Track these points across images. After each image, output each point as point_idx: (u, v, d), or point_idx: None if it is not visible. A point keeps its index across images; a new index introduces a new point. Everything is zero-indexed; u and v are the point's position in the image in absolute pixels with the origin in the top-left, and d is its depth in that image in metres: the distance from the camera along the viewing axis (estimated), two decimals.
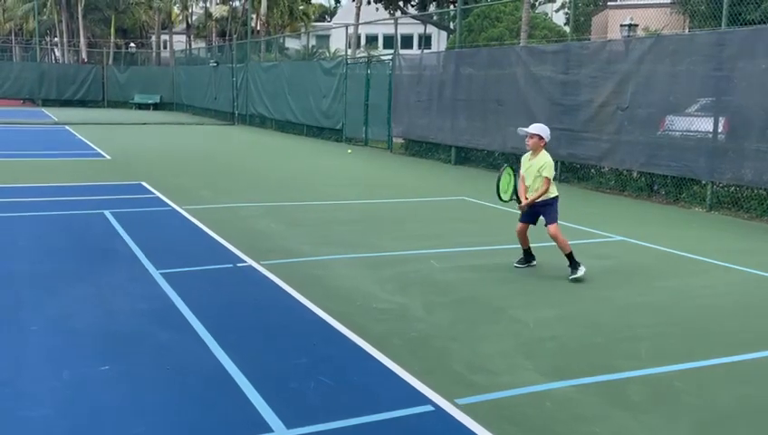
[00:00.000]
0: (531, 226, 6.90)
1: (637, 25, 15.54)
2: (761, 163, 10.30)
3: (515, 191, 6.87)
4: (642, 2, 22.64)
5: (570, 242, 6.73)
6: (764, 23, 11.41)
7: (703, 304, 6.06)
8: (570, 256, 6.61)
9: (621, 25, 15.32)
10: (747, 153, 10.50)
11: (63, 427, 3.59)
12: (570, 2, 18.61)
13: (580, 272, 6.53)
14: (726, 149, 10.85)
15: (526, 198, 6.75)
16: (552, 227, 6.65)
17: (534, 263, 7.00)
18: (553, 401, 4.02)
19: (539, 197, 6.70)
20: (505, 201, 6.90)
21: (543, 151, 6.75)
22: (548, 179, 6.64)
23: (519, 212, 6.89)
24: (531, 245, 6.98)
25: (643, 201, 12.04)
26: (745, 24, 11.13)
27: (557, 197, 6.81)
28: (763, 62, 10.26)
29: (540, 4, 38.74)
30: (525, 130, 6.79)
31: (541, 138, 6.71)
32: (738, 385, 4.36)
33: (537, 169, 6.69)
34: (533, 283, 6.56)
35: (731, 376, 4.52)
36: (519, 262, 6.98)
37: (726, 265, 7.49)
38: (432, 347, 4.82)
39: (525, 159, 6.87)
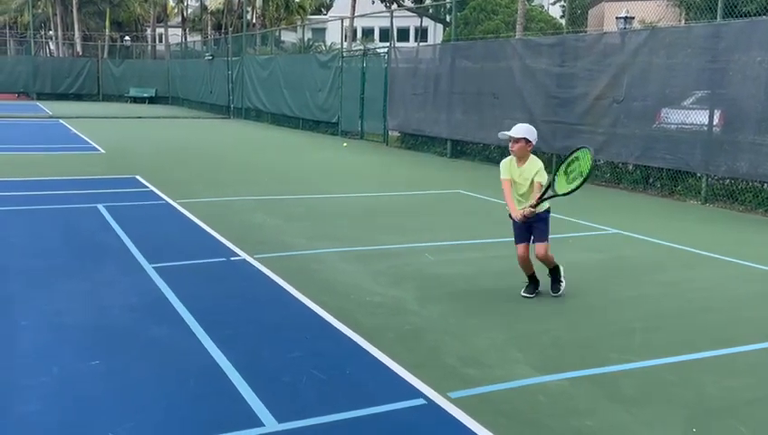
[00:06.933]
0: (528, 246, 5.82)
1: (633, 18, 15.53)
2: (755, 156, 10.29)
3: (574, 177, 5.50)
4: None
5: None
6: (760, 15, 11.38)
7: (695, 297, 6.06)
8: (554, 271, 5.88)
9: (617, 18, 15.32)
10: (742, 146, 10.49)
11: (53, 422, 3.57)
12: None
13: (562, 288, 5.89)
14: (721, 141, 10.84)
15: (531, 206, 5.59)
16: (541, 247, 5.68)
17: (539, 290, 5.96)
18: (546, 394, 4.01)
19: (537, 202, 5.59)
20: (564, 193, 5.52)
21: (532, 156, 5.71)
22: (541, 185, 5.61)
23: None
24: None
25: (638, 194, 12.04)
26: (741, 17, 11.10)
27: (550, 209, 5.82)
28: (759, 55, 10.24)
29: None
30: (507, 133, 5.69)
31: (528, 141, 5.63)
32: (728, 378, 4.35)
33: (531, 176, 5.64)
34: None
35: (720, 369, 4.51)
36: (527, 291, 5.87)
37: (720, 257, 7.49)
38: (425, 341, 4.81)
39: (510, 166, 5.73)
